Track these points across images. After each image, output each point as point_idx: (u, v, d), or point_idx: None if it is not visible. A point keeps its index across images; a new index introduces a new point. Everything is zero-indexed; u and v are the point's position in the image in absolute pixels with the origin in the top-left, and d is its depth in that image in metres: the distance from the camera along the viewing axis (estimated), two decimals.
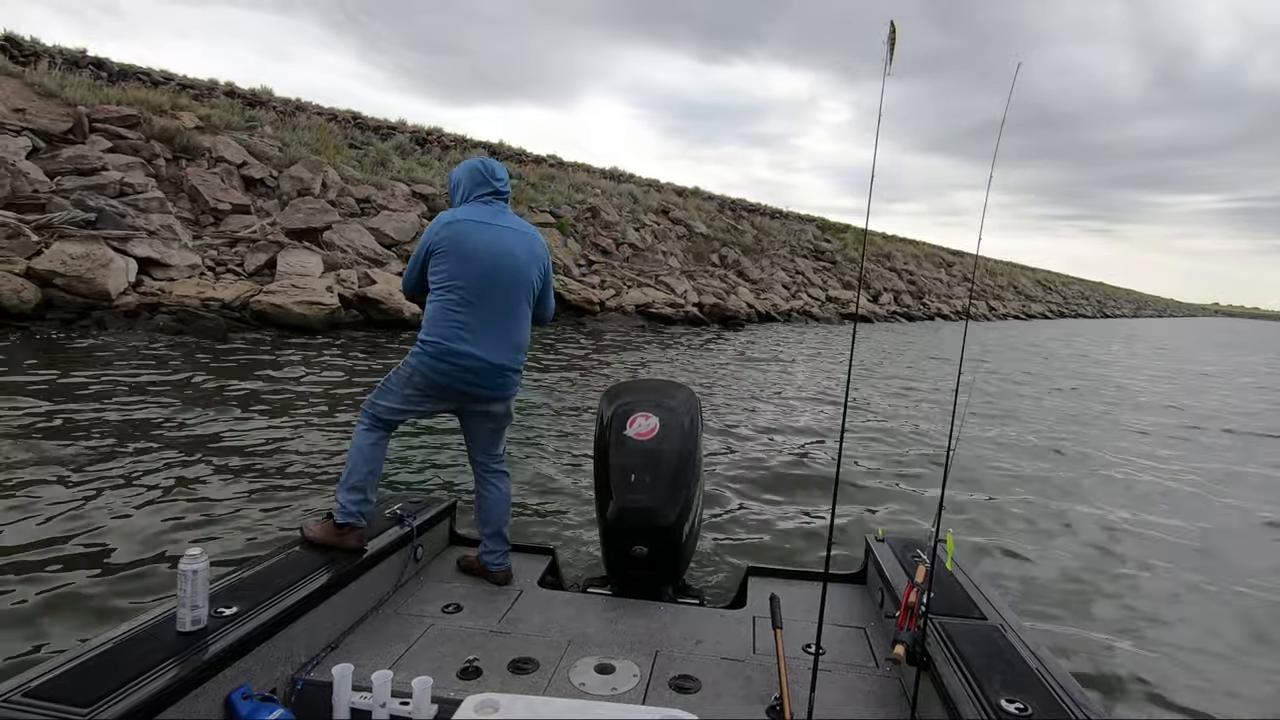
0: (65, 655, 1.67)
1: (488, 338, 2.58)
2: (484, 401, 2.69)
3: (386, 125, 23.98)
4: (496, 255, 2.59)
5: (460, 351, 2.55)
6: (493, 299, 2.59)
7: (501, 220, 2.66)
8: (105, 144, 13.86)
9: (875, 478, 6.10)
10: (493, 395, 2.67)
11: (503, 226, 2.64)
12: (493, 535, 2.80)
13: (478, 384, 2.61)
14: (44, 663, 1.63)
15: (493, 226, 2.62)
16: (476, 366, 2.57)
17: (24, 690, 1.51)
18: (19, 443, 5.07)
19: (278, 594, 2.09)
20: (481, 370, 2.59)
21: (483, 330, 2.57)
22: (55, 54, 17.42)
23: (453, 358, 2.54)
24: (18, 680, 1.55)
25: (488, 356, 2.58)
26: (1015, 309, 50.82)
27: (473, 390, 2.62)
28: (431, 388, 2.61)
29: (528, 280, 2.67)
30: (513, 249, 2.63)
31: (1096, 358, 22.17)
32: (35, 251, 10.65)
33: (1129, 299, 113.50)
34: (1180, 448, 8.67)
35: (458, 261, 2.55)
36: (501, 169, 2.76)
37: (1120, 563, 4.60)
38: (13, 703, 1.47)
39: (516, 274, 2.63)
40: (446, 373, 2.57)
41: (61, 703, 1.48)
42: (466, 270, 2.55)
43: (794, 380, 11.75)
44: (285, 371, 8.71)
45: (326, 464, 5.25)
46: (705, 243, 28.37)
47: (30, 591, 3.13)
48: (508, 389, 2.71)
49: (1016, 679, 1.79)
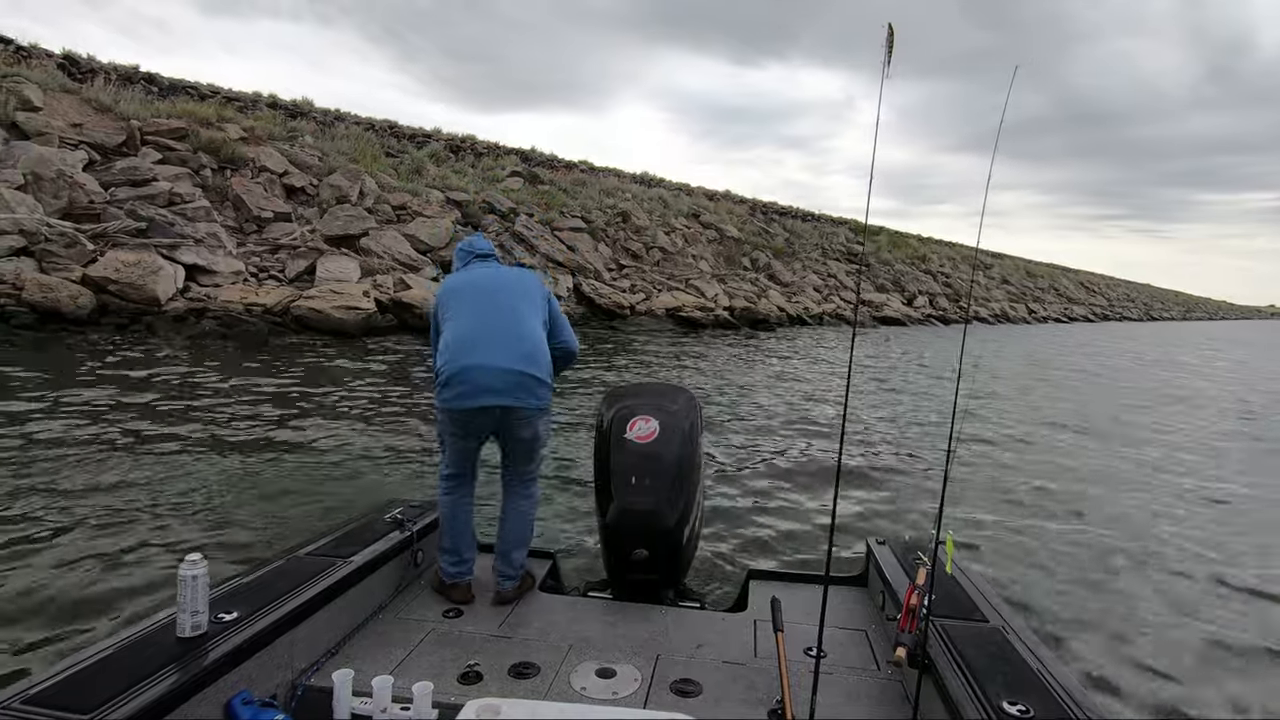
0: (65, 661, 1.66)
1: (492, 347, 2.55)
2: (520, 422, 2.59)
3: (422, 133, 24.49)
4: (486, 279, 2.74)
5: (466, 366, 2.53)
6: (490, 313, 2.62)
7: (489, 265, 2.84)
8: (156, 156, 14.47)
9: (876, 480, 6.08)
10: (513, 406, 2.55)
11: (490, 268, 2.82)
12: (501, 555, 2.69)
13: (492, 395, 2.52)
14: (43, 669, 1.62)
15: (483, 269, 2.81)
16: (485, 377, 2.51)
17: (23, 697, 1.49)
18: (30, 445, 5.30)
19: (278, 599, 2.07)
20: (492, 378, 2.51)
21: (485, 342, 2.56)
22: (110, 71, 18.20)
23: (461, 375, 2.53)
24: (17, 687, 1.53)
25: (494, 362, 2.52)
26: (1057, 312, 49.64)
27: (490, 403, 2.53)
28: (461, 420, 2.59)
29: (525, 290, 2.72)
30: (502, 272, 2.80)
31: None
32: (91, 259, 11.18)
33: (1177, 301, 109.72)
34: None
35: (455, 300, 2.70)
36: (483, 241, 2.95)
37: (1122, 563, 4.56)
38: (12, 709, 1.45)
39: (512, 286, 2.71)
40: (462, 395, 2.53)
41: (61, 709, 1.46)
42: (461, 301, 2.68)
43: (805, 383, 11.71)
44: (321, 375, 9.01)
45: (352, 465, 5.42)
46: (736, 246, 28.34)
47: (30, 597, 3.16)
48: (526, 399, 2.56)
49: (1018, 681, 1.78)
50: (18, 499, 4.27)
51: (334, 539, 2.64)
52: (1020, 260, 61.94)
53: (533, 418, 2.61)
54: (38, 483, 4.54)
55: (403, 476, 5.23)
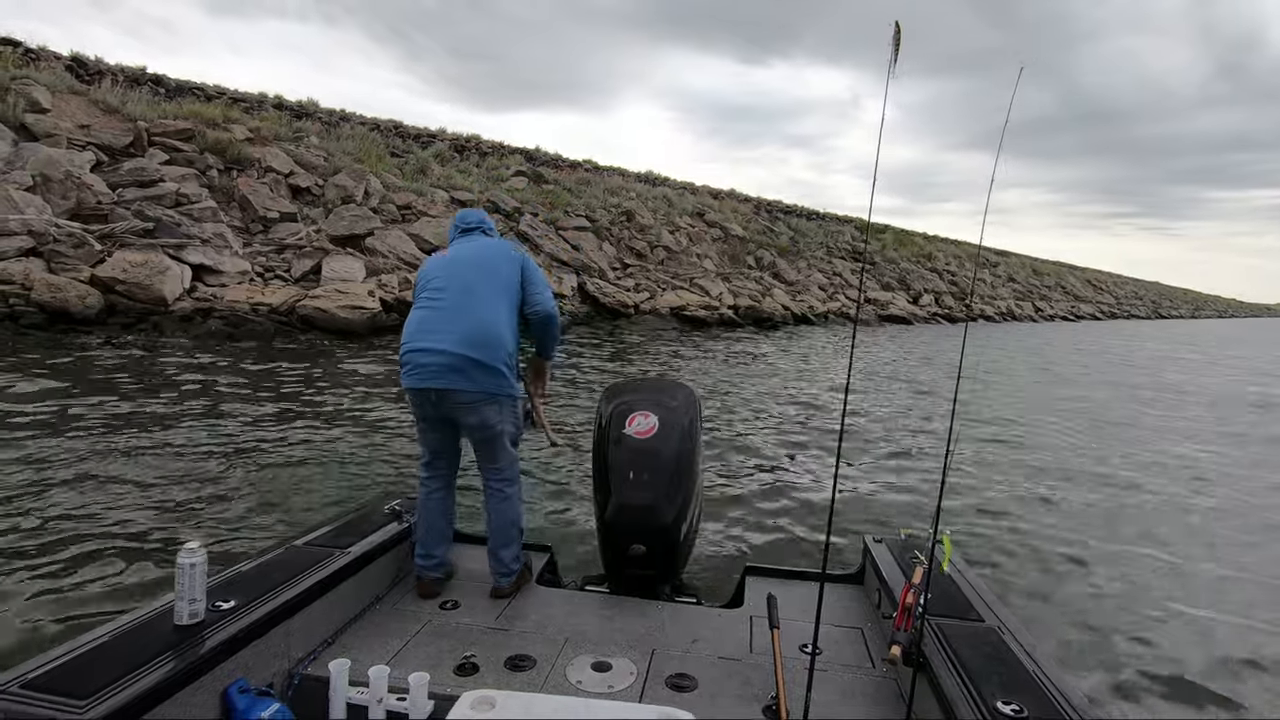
0: (62, 647, 1.66)
1: (436, 330, 2.51)
2: (461, 407, 2.53)
3: (427, 133, 24.55)
4: (454, 260, 2.67)
5: (415, 348, 2.51)
6: (444, 295, 2.57)
7: (471, 240, 2.75)
8: (163, 156, 14.55)
9: (874, 478, 6.10)
10: (447, 390, 2.48)
11: (468, 242, 2.73)
12: (490, 553, 2.66)
13: (429, 377, 2.48)
14: (41, 655, 1.62)
15: (461, 244, 2.74)
16: (424, 359, 2.48)
17: (21, 682, 1.50)
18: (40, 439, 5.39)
19: (275, 588, 2.07)
20: (430, 359, 2.47)
21: (441, 326, 2.51)
22: (118, 72, 18.32)
23: (406, 357, 2.52)
24: (15, 672, 1.54)
25: (444, 347, 2.46)
26: (1064, 310, 49.40)
27: (426, 385, 2.49)
28: (419, 406, 2.58)
29: (489, 269, 2.60)
30: (473, 248, 2.69)
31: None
32: (99, 260, 11.26)
33: (1186, 299, 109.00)
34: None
35: (422, 281, 2.68)
36: (474, 212, 2.85)
37: (1120, 564, 4.57)
38: (10, 694, 1.46)
39: (476, 266, 2.61)
40: (406, 375, 2.52)
41: (59, 695, 1.47)
42: (427, 283, 2.65)
43: (807, 381, 11.73)
44: (326, 374, 9.06)
45: (353, 461, 5.49)
46: (741, 245, 28.31)
47: (29, 584, 3.20)
48: (460, 383, 2.48)
49: (1013, 681, 1.79)
50: (22, 491, 4.33)
51: (332, 530, 2.65)
52: (1027, 258, 61.65)
53: (476, 404, 2.52)
54: (42, 473, 4.61)
55: (403, 471, 5.28)
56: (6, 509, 4.09)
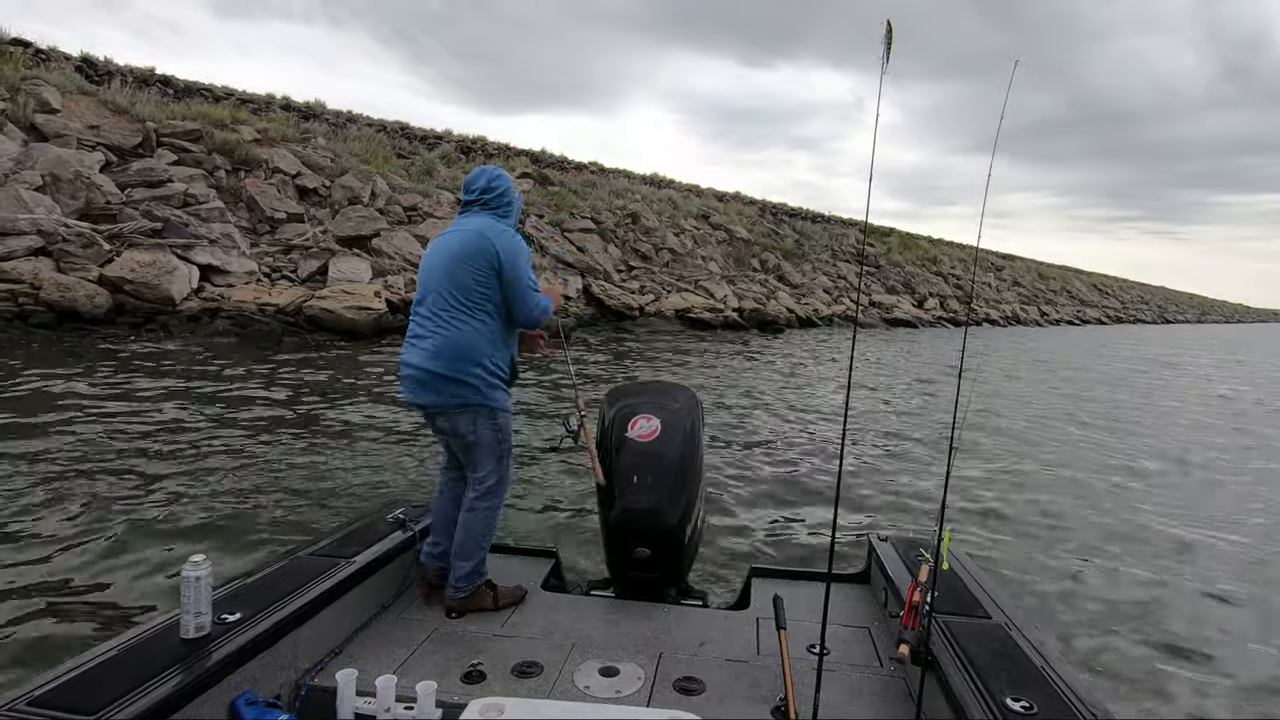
0: (68, 664, 1.65)
1: (418, 347, 2.47)
2: (437, 415, 2.51)
3: (433, 135, 24.65)
4: (434, 258, 2.53)
5: (404, 362, 2.51)
6: (427, 304, 2.50)
7: (459, 224, 2.57)
8: (171, 157, 14.64)
9: (879, 478, 6.10)
10: (444, 409, 2.47)
11: (454, 230, 2.56)
12: (454, 553, 2.54)
13: (422, 397, 2.48)
14: (47, 671, 1.62)
15: (448, 233, 2.57)
16: (416, 376, 2.47)
17: (28, 699, 1.49)
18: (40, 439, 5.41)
19: (281, 600, 2.06)
20: (421, 380, 2.46)
21: (424, 339, 2.47)
22: (126, 73, 18.43)
23: (402, 370, 2.52)
24: (22, 688, 1.54)
25: (425, 364, 2.44)
26: (1069, 314, 49.29)
27: (416, 400, 2.50)
28: (418, 411, 2.59)
29: (460, 278, 2.43)
30: (451, 244, 2.50)
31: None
32: (107, 259, 11.33)
33: (1192, 304, 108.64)
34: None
35: (419, 277, 2.61)
36: (482, 175, 2.59)
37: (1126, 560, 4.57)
38: (17, 711, 1.45)
39: (449, 274, 2.45)
40: (402, 387, 2.51)
41: (65, 710, 1.46)
42: (419, 282, 2.58)
43: (811, 384, 11.74)
44: (332, 375, 9.10)
45: (358, 465, 5.47)
46: (745, 247, 28.32)
47: (34, 597, 3.18)
48: (428, 396, 2.47)
49: (1022, 677, 1.78)
50: (25, 495, 4.34)
51: (337, 539, 2.65)
52: (1032, 262, 61.54)
53: (451, 414, 2.47)
54: (47, 478, 4.62)
55: (409, 476, 5.28)
56: (7, 509, 4.11)
